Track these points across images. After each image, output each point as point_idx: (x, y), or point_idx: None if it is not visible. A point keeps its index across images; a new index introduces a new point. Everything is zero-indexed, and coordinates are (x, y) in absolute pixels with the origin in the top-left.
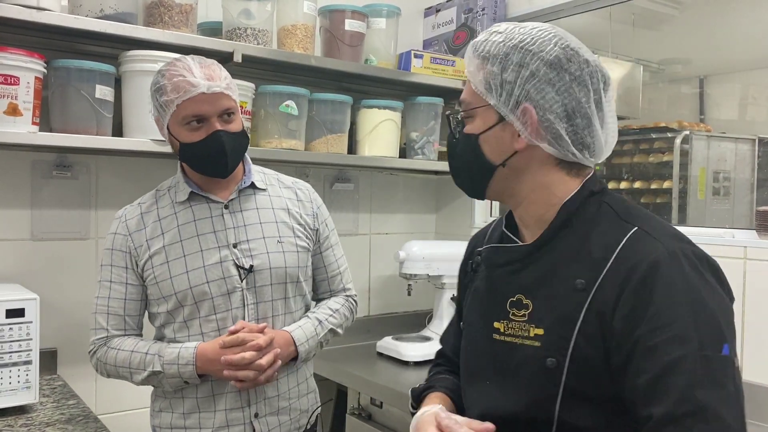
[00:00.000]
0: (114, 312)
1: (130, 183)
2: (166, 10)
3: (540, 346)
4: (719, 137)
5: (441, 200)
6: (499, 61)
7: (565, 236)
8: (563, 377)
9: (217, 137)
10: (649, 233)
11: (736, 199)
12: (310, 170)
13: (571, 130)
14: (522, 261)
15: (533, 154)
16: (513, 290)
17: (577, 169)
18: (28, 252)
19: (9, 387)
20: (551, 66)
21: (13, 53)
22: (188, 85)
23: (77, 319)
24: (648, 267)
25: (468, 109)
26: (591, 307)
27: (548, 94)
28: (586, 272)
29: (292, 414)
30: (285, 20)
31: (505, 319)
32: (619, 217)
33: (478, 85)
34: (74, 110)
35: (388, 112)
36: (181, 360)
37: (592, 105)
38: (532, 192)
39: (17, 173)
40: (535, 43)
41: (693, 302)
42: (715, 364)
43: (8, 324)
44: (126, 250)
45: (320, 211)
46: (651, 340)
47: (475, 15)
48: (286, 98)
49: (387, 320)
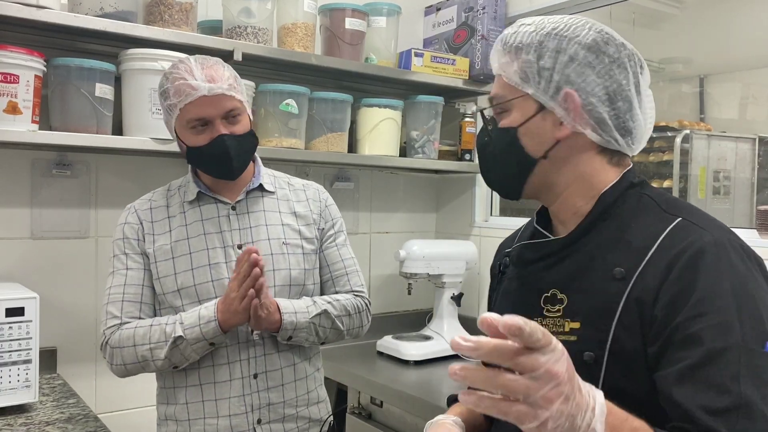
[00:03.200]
0: (130, 299)
1: (129, 182)
2: (166, 8)
3: (576, 340)
4: (719, 136)
5: (441, 199)
6: (534, 49)
7: (604, 228)
8: (602, 373)
9: (221, 142)
10: (694, 223)
11: (737, 199)
12: (310, 169)
13: (614, 114)
14: (557, 255)
15: (575, 142)
16: (547, 285)
17: (618, 158)
18: (27, 251)
19: (9, 386)
20: (589, 49)
21: (13, 51)
22: (189, 88)
23: (77, 318)
24: (693, 253)
25: (503, 102)
26: (630, 296)
27: (589, 77)
28: (626, 261)
29: (299, 422)
30: (285, 19)
31: (539, 316)
32: (662, 209)
33: (513, 77)
34: (74, 109)
35: (388, 111)
36: (202, 319)
37: (632, 88)
38: (572, 183)
39: (17, 172)
40: (569, 29)
41: (738, 293)
42: (759, 360)
43: (8, 323)
44: (138, 238)
45: (328, 210)
46: (692, 327)
47: (476, 14)
48: (286, 97)
49: (387, 319)
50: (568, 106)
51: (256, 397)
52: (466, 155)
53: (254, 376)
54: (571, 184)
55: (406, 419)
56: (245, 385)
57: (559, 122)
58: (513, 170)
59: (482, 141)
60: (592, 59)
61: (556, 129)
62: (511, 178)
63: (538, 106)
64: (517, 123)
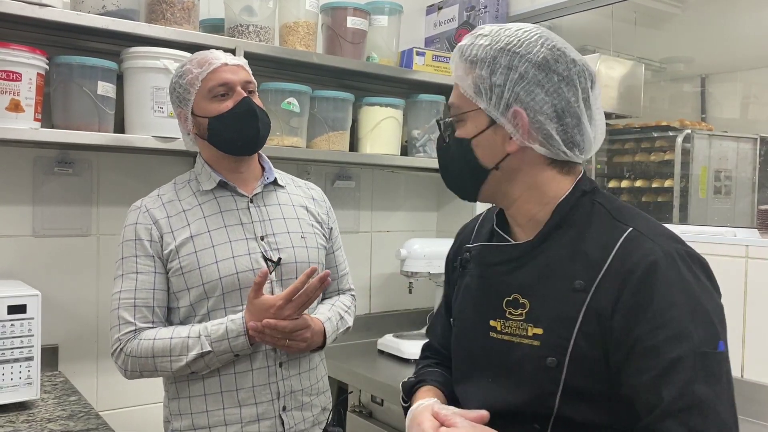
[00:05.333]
0: (142, 303)
1: (131, 179)
2: (168, 6)
3: (539, 345)
4: (721, 136)
5: (442, 198)
6: (487, 64)
7: (560, 236)
8: (563, 375)
9: (247, 102)
10: (643, 233)
11: (738, 198)
12: (312, 168)
13: (562, 129)
14: (517, 260)
15: (525, 155)
16: (509, 289)
17: (568, 167)
18: (29, 248)
19: (11, 383)
20: (539, 67)
21: (16, 49)
22: (212, 58)
23: (79, 316)
24: (646, 267)
25: (458, 113)
26: (590, 307)
27: (538, 95)
28: (584, 273)
29: (314, 410)
30: (287, 17)
31: (501, 318)
32: (613, 217)
33: (468, 90)
34: (76, 107)
35: (389, 110)
36: (231, 333)
37: (581, 104)
38: (524, 192)
39: (19, 169)
40: (522, 45)
41: (690, 302)
42: (711, 360)
43: (10, 320)
44: (150, 239)
45: (331, 212)
46: (651, 339)
47: (477, 12)
48: (287, 95)
49: (388, 318)
50: (516, 123)
51: (282, 385)
52: None
53: (280, 365)
54: (524, 192)
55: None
56: (271, 374)
57: (509, 137)
58: (467, 177)
59: (440, 145)
60: (541, 78)
61: (507, 143)
62: (466, 184)
63: (489, 120)
64: (470, 135)
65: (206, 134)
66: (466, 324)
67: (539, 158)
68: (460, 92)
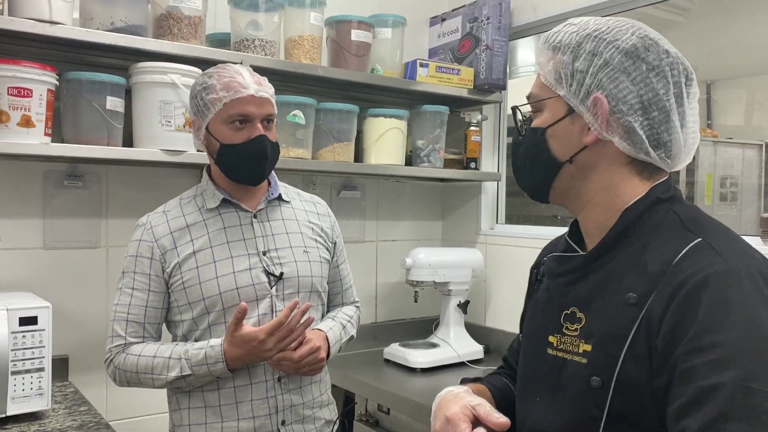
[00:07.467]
0: (133, 319)
1: (139, 192)
2: (175, 22)
3: (586, 363)
4: (726, 143)
5: (447, 207)
6: (571, 50)
7: (625, 246)
8: (608, 399)
9: (261, 141)
10: (712, 246)
11: (744, 205)
12: (317, 178)
13: (647, 124)
14: (579, 271)
15: (603, 150)
16: (568, 302)
17: (650, 172)
18: (40, 260)
19: (22, 393)
20: (627, 54)
21: (27, 66)
22: (239, 86)
23: (88, 327)
24: (697, 282)
25: (535, 101)
26: (642, 323)
27: (622, 83)
28: (641, 286)
29: (316, 423)
30: (292, 31)
31: (558, 332)
32: (684, 226)
33: (548, 76)
34: (86, 121)
35: (394, 121)
36: (209, 360)
37: (671, 98)
38: (597, 194)
39: (30, 183)
40: (610, 32)
41: (746, 327)
42: (757, 399)
43: (21, 332)
44: (151, 257)
45: (336, 225)
46: (688, 362)
47: (480, 24)
48: (293, 108)
49: (394, 327)
50: (596, 111)
51: (280, 399)
52: (471, 163)
53: (278, 379)
54: (597, 194)
55: (413, 426)
56: (269, 388)
57: (587, 127)
58: (539, 172)
59: (515, 140)
60: (628, 65)
61: (584, 134)
62: (537, 179)
63: (567, 109)
64: (546, 124)
65: (215, 154)
66: (529, 339)
67: (618, 155)
68: (540, 81)
